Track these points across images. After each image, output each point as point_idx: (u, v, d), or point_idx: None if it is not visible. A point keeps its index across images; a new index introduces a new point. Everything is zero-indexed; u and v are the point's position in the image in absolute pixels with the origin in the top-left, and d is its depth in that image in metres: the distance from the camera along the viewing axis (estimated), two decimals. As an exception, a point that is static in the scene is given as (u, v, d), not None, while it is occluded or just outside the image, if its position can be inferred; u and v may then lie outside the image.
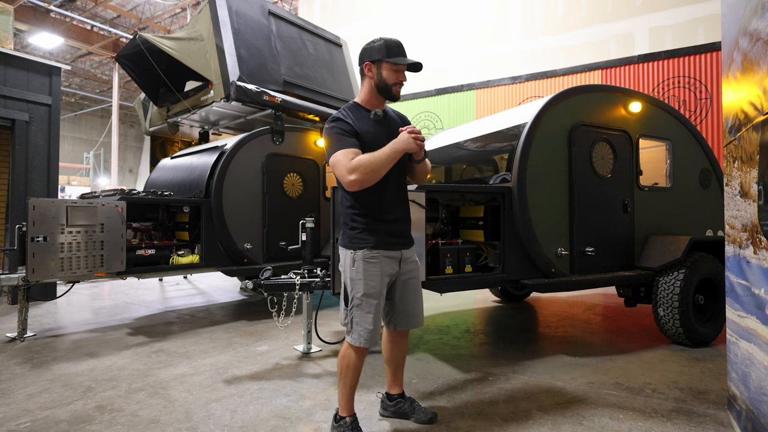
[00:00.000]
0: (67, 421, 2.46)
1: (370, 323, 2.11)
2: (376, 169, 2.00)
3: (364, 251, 2.12)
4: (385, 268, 2.15)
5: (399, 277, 2.24)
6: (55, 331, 4.41)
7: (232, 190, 4.87)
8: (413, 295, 2.30)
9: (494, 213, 3.60)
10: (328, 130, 2.12)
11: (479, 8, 10.26)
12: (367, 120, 2.17)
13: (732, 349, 2.34)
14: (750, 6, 1.96)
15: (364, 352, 2.20)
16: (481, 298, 6.18)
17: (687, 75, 7.92)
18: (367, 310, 2.11)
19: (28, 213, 3.64)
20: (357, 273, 2.12)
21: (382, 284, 2.14)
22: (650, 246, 4.05)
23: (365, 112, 2.20)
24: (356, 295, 2.12)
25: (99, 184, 25.50)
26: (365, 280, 2.11)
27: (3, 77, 5.69)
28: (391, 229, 2.19)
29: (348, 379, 2.21)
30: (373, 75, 2.16)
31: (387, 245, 2.16)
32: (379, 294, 2.13)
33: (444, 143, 4.82)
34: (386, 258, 2.16)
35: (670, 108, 4.46)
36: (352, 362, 2.19)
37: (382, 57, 2.12)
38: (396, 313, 2.29)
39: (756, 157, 1.91)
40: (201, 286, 7.50)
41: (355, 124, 2.12)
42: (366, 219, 2.14)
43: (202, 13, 5.33)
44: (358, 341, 2.12)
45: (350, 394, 2.24)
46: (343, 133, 2.08)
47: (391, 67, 2.13)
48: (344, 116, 2.13)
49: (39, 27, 15.49)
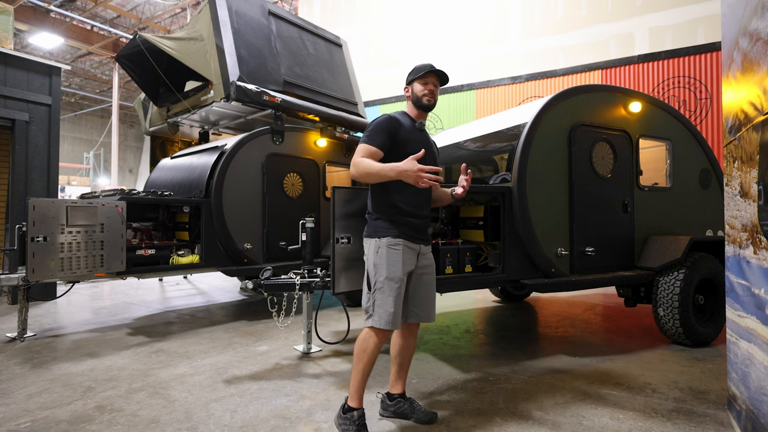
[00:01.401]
0: (67, 421, 2.46)
1: (391, 306, 2.22)
2: (368, 176, 2.21)
3: (388, 239, 2.28)
4: (405, 256, 2.28)
5: (415, 271, 2.36)
6: (55, 331, 4.41)
7: (232, 190, 4.87)
8: (426, 290, 2.41)
9: (494, 213, 3.60)
10: (376, 120, 2.35)
11: (479, 8, 10.26)
12: (412, 127, 2.42)
13: (732, 349, 2.34)
14: (750, 6, 1.96)
15: (383, 336, 2.25)
16: (481, 298, 6.18)
17: (687, 75, 7.92)
18: (388, 293, 2.23)
19: (28, 213, 3.64)
20: (380, 258, 2.26)
21: (403, 270, 2.27)
22: (650, 246, 4.05)
23: (411, 120, 2.45)
24: (379, 279, 2.25)
25: (99, 184, 25.50)
26: (387, 265, 2.25)
27: (3, 77, 5.69)
28: (415, 224, 2.35)
29: (362, 364, 2.25)
30: (410, 94, 2.45)
31: (408, 237, 2.31)
32: (400, 279, 2.25)
33: (444, 143, 4.82)
34: (407, 248, 2.30)
35: (670, 108, 4.46)
36: (369, 346, 2.24)
37: (413, 78, 2.42)
38: (407, 305, 2.37)
39: (756, 157, 1.91)
40: (201, 286, 7.50)
41: (401, 127, 2.35)
42: (396, 211, 2.32)
43: (202, 13, 5.33)
44: (379, 323, 2.22)
45: (362, 382, 2.26)
46: (382, 130, 2.29)
47: (418, 82, 2.41)
48: (394, 117, 2.36)
49: (39, 27, 15.48)
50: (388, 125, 2.31)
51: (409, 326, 2.45)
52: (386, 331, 2.24)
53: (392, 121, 2.34)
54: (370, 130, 2.31)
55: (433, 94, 2.39)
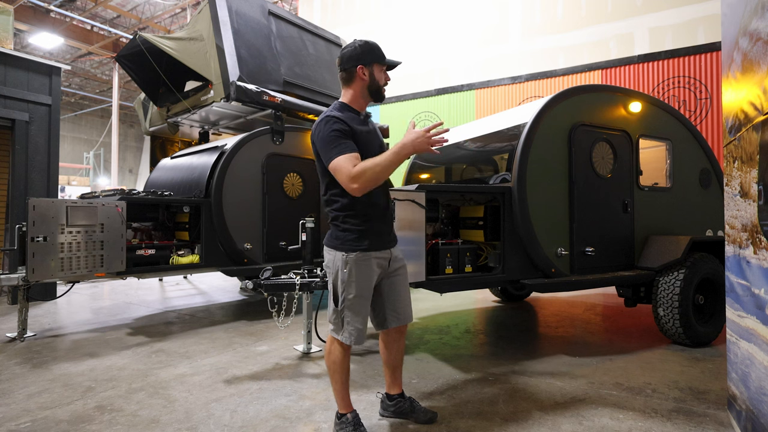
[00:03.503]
0: (67, 421, 2.46)
1: (360, 323, 2.16)
2: (380, 177, 1.97)
3: (357, 254, 2.11)
4: (375, 268, 2.18)
5: (387, 275, 2.27)
6: (55, 331, 4.41)
7: (232, 190, 4.87)
8: (399, 291, 2.32)
9: (494, 213, 3.60)
10: (324, 129, 2.05)
11: (479, 8, 10.26)
12: (358, 120, 2.17)
13: (732, 349, 2.34)
14: (750, 6, 1.96)
15: (349, 348, 2.23)
16: (481, 298, 6.18)
17: (687, 75, 7.92)
18: (358, 310, 2.15)
19: (28, 213, 3.64)
20: (350, 276, 2.11)
21: (372, 284, 2.19)
22: (650, 246, 4.05)
23: (355, 113, 2.19)
24: (348, 296, 2.13)
25: (99, 184, 25.49)
26: (357, 282, 2.12)
27: (3, 77, 5.69)
28: (380, 229, 2.20)
29: (338, 375, 2.22)
30: (366, 77, 2.16)
31: (378, 246, 2.18)
32: (369, 294, 2.19)
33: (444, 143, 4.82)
34: (376, 259, 2.18)
35: (670, 108, 4.46)
36: (338, 359, 2.21)
37: (374, 60, 2.16)
38: (386, 311, 2.30)
39: (756, 157, 1.91)
40: (201, 286, 7.50)
41: (351, 123, 2.10)
42: (358, 220, 2.13)
43: (202, 13, 5.33)
44: (349, 340, 2.15)
45: (344, 391, 2.25)
46: (341, 135, 2.03)
47: (381, 69, 2.19)
48: (339, 116, 2.08)
49: (39, 27, 15.48)
50: (341, 126, 2.04)
51: (396, 329, 2.38)
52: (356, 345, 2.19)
53: (338, 122, 2.05)
54: (330, 143, 2.01)
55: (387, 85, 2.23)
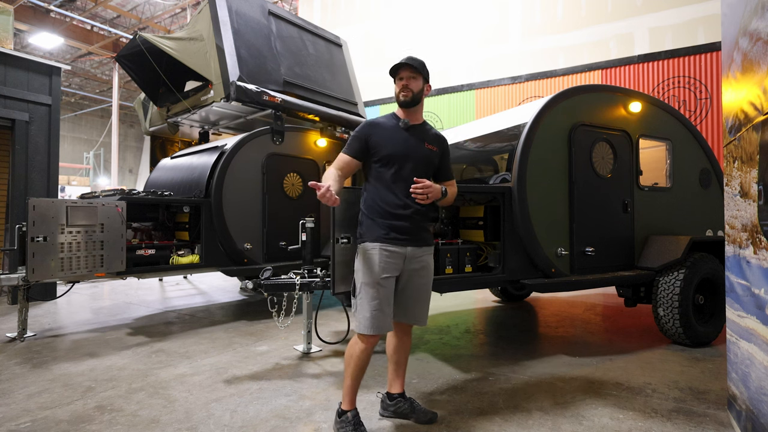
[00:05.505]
0: (67, 421, 2.46)
1: (367, 310, 2.19)
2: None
3: (365, 244, 2.28)
4: (383, 260, 2.21)
5: (403, 274, 2.31)
6: (55, 331, 4.40)
7: (232, 190, 4.87)
8: (413, 293, 2.34)
9: (494, 213, 3.60)
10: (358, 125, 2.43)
11: (479, 8, 10.26)
12: (392, 124, 2.40)
13: (732, 349, 2.34)
14: (750, 6, 1.96)
15: (368, 341, 2.22)
16: (481, 298, 6.18)
17: (687, 75, 7.92)
18: (365, 298, 2.21)
19: (28, 213, 3.64)
20: (359, 264, 2.28)
21: (381, 274, 2.21)
22: (650, 246, 4.05)
23: (396, 119, 2.43)
24: (357, 284, 2.27)
25: (99, 184, 25.48)
26: (363, 270, 2.24)
27: (3, 77, 5.69)
28: (398, 226, 2.27)
29: (350, 369, 2.26)
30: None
31: (388, 240, 2.25)
32: (376, 284, 2.20)
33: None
34: (385, 251, 2.23)
35: (670, 108, 4.46)
36: (355, 351, 2.25)
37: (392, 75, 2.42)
38: (396, 305, 2.34)
39: (756, 157, 1.91)
40: (201, 286, 7.50)
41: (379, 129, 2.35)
42: (368, 216, 2.32)
43: (202, 13, 5.33)
44: (359, 328, 2.21)
45: (353, 387, 2.27)
46: (356, 137, 2.34)
47: (395, 81, 2.40)
48: (372, 121, 2.40)
49: (39, 27, 15.48)
50: (362, 131, 2.35)
51: (400, 325, 2.42)
52: (371, 336, 2.20)
53: (368, 126, 2.37)
54: (349, 138, 2.38)
55: (406, 88, 2.33)
